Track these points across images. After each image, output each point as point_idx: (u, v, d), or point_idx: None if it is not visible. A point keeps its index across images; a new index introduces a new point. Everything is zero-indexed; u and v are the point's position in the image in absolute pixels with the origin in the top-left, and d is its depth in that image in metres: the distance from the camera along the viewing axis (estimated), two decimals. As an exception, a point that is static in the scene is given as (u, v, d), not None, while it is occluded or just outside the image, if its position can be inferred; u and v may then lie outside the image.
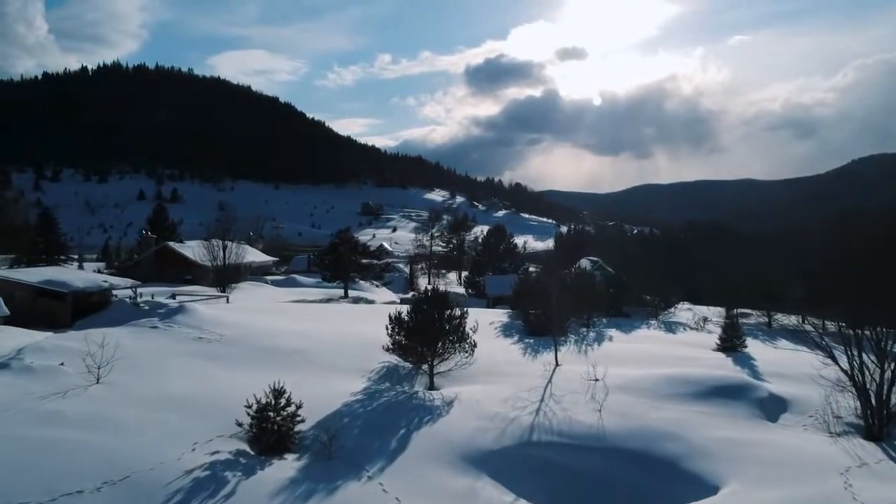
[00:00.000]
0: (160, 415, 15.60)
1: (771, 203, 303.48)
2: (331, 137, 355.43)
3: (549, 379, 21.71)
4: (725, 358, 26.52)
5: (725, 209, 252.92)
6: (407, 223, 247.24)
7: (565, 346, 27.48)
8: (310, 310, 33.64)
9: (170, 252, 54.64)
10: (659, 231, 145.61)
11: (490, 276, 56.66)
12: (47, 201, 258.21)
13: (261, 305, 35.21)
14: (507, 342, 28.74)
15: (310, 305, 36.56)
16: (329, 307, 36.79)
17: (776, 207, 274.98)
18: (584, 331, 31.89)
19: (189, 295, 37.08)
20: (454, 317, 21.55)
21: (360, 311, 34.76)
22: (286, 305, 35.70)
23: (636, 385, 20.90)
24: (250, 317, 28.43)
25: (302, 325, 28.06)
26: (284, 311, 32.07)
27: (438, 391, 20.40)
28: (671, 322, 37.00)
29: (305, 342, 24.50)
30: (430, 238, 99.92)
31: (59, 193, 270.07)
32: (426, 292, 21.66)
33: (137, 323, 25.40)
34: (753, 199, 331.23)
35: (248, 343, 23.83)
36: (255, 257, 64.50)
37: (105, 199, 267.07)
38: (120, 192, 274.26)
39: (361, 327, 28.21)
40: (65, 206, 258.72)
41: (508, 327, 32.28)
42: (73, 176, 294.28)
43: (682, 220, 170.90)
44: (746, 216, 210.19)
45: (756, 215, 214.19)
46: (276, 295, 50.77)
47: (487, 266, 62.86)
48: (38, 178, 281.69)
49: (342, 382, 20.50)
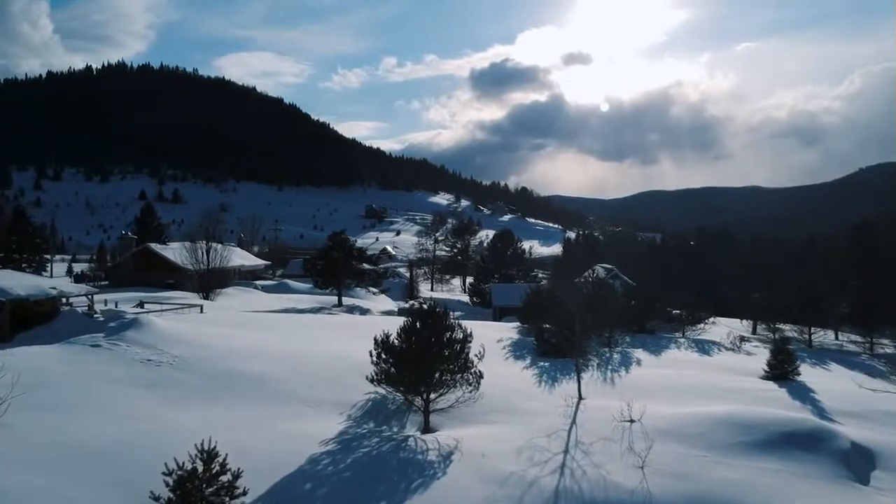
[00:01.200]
0: (53, 479, 11.45)
1: (779, 210, 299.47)
2: (335, 139, 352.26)
3: (572, 419, 17.51)
4: (779, 389, 22.23)
5: (733, 216, 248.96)
6: (411, 226, 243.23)
7: (587, 371, 23.25)
8: (294, 322, 29.43)
9: (150, 254, 50.71)
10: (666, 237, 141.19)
11: (496, 283, 52.33)
12: (48, 201, 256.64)
13: (239, 317, 31.07)
14: (518, 366, 24.51)
15: (295, 317, 32.37)
16: (317, 319, 32.56)
17: (786, 215, 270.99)
18: (605, 351, 27.63)
19: (159, 303, 33.02)
20: (455, 340, 17.36)
21: (351, 325, 30.51)
22: (268, 317, 31.52)
23: (684, 429, 16.64)
24: (220, 332, 24.30)
25: (279, 342, 23.91)
26: (263, 324, 27.91)
27: (434, 434, 16.26)
28: (702, 341, 32.70)
29: (278, 366, 20.35)
30: (434, 242, 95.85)
31: (60, 193, 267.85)
32: (421, 308, 17.54)
33: (77, 340, 21.27)
34: (761, 207, 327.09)
35: (207, 367, 19.69)
36: (244, 261, 60.51)
37: (106, 199, 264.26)
38: (121, 192, 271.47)
39: (350, 346, 24.04)
40: (65, 206, 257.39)
41: (519, 346, 28.05)
42: (75, 175, 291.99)
43: (690, 226, 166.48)
44: (757, 223, 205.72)
45: (768, 223, 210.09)
46: (264, 302, 46.67)
47: (493, 273, 58.62)
48: (39, 177, 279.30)
49: (314, 423, 16.35)
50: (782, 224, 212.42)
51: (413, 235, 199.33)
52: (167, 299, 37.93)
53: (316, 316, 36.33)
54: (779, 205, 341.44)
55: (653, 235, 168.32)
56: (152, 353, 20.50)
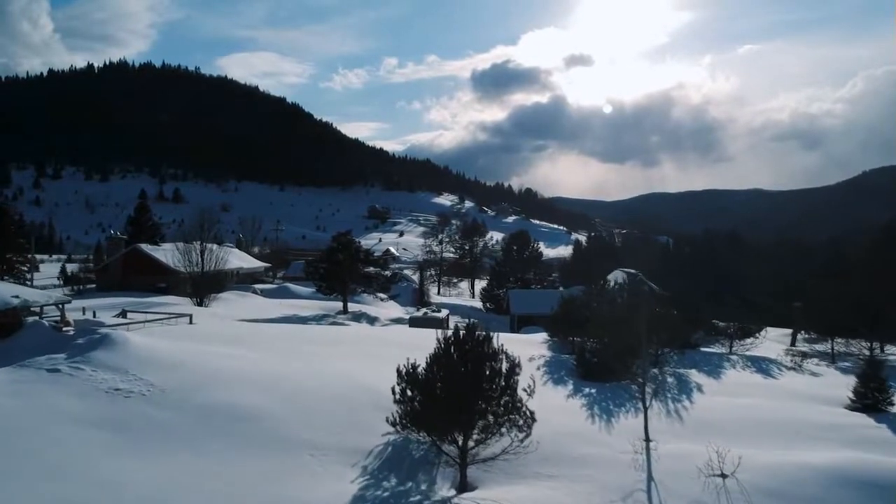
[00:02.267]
0: None
1: (783, 213, 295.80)
2: (338, 139, 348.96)
3: (647, 472, 13.80)
4: (877, 425, 18.48)
5: (736, 219, 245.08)
6: (414, 227, 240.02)
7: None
8: (294, 336, 25.71)
9: (141, 256, 47.09)
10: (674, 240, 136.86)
11: (514, 289, 48.51)
12: (47, 200, 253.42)
13: (232, 329, 27.35)
14: (560, 394, 20.78)
15: (296, 329, 28.63)
16: (321, 332, 28.79)
17: (790, 218, 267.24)
18: (655, 373, 23.87)
19: (144, 312, 29.35)
20: (500, 373, 13.66)
21: (359, 338, 26.75)
22: (265, 329, 27.80)
23: (793, 488, 12.92)
24: (207, 351, 20.62)
25: (277, 362, 20.23)
26: (259, 339, 24.19)
27: (474, 495, 12.61)
28: (757, 358, 28.94)
29: (271, 396, 16.66)
30: (440, 243, 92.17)
31: (60, 192, 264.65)
32: (456, 335, 13.85)
33: (32, 363, 17.60)
34: (764, 210, 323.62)
35: (187, 400, 16.00)
36: (243, 263, 56.88)
37: (106, 198, 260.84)
38: (121, 191, 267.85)
39: (360, 367, 20.40)
40: (64, 205, 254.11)
41: (555, 367, 24.32)
42: (75, 174, 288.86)
43: (694, 228, 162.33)
44: (762, 226, 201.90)
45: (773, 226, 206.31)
46: (263, 308, 43.02)
47: (508, 277, 54.87)
48: (38, 176, 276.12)
49: (321, 481, 12.68)
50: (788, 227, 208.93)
51: (417, 237, 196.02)
52: (155, 306, 34.30)
53: (319, 327, 32.50)
54: (782, 207, 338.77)
55: (659, 238, 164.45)
56: (122, 380, 16.83)
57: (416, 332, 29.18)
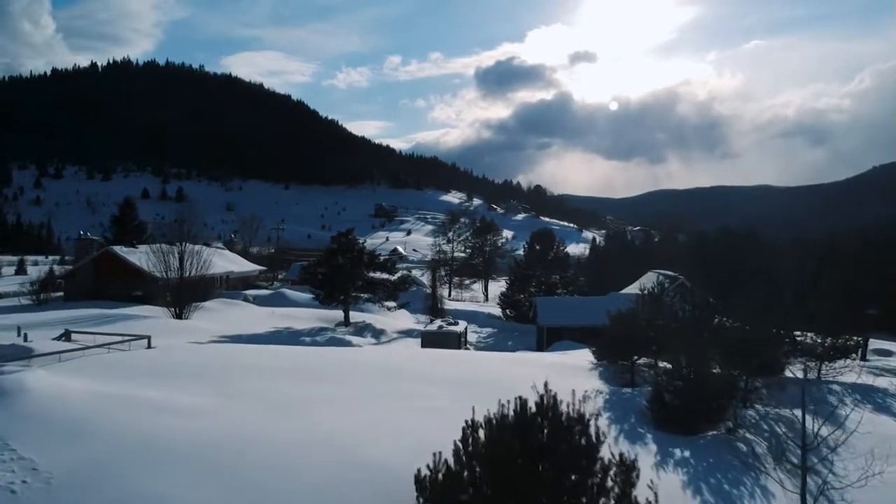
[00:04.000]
0: None
1: (792, 209, 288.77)
2: (344, 137, 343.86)
3: None
4: None
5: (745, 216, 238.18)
6: (422, 226, 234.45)
7: (753, 463, 13.64)
8: (274, 365, 19.76)
9: (113, 260, 41.46)
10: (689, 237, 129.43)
11: (542, 297, 42.41)
12: (47, 199, 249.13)
13: (197, 356, 21.43)
14: (643, 459, 14.77)
15: (279, 353, 22.67)
16: (310, 356, 22.77)
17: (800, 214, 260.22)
18: (752, 417, 17.98)
19: (93, 333, 23.57)
20: (602, 487, 7.80)
21: (357, 366, 20.70)
22: (240, 355, 21.90)
23: None
24: (143, 397, 14.78)
25: (236, 416, 14.33)
26: (226, 371, 18.35)
27: None
28: (863, 388, 22.92)
29: (218, 484, 10.74)
30: (449, 242, 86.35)
31: (61, 191, 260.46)
32: (521, 415, 8.06)
33: None
34: (773, 206, 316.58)
35: (78, 498, 10.12)
36: (234, 266, 51.16)
37: (107, 197, 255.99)
38: (123, 190, 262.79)
39: (355, 423, 14.53)
40: (65, 205, 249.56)
41: (618, 408, 18.35)
42: (77, 174, 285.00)
43: (703, 226, 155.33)
44: (771, 223, 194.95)
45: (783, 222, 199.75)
46: (251, 320, 37.28)
47: (531, 280, 48.86)
48: (40, 176, 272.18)
49: None
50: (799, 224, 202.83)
51: (425, 235, 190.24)
52: (119, 321, 28.59)
53: (311, 351, 26.21)
54: (792, 204, 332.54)
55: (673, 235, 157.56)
56: (-6, 460, 10.98)
57: (430, 355, 23.37)
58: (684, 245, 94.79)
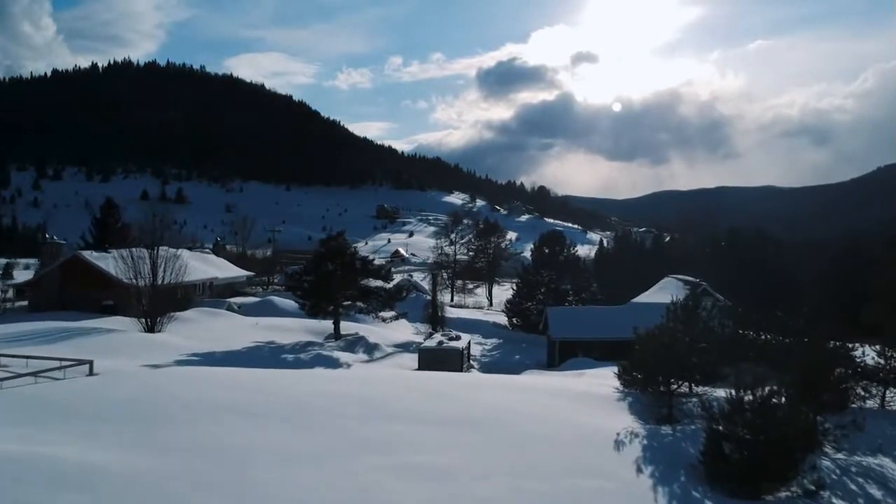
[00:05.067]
0: None
1: (798, 210, 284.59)
2: (346, 137, 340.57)
3: None
4: None
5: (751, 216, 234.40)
6: (424, 227, 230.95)
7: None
8: (234, 401, 15.92)
9: (82, 266, 37.77)
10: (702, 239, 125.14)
11: (554, 307, 38.55)
12: (45, 201, 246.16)
13: (142, 387, 17.62)
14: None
15: (244, 381, 18.88)
16: (282, 385, 18.88)
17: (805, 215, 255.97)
18: (830, 464, 14.23)
19: (26, 357, 19.94)
20: None
21: (335, 403, 16.73)
22: (199, 383, 18.18)
23: None
24: (36, 452, 11.07)
25: (154, 476, 10.59)
26: (167, 411, 14.60)
27: None
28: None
29: None
30: (452, 244, 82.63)
31: (60, 193, 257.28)
32: None
33: None
34: (778, 207, 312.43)
35: None
36: (219, 272, 47.55)
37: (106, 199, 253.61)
38: (122, 191, 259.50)
39: (336, 490, 10.86)
40: (63, 206, 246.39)
41: (660, 459, 14.57)
42: (76, 175, 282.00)
43: (714, 228, 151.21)
44: (780, 224, 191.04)
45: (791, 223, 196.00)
46: (230, 332, 33.65)
47: (540, 286, 45.12)
48: (38, 177, 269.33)
49: None
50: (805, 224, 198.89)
51: (427, 237, 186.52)
52: (75, 338, 24.95)
53: (282, 380, 22.20)
54: (797, 205, 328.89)
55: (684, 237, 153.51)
56: None
57: (426, 384, 19.65)
58: (699, 247, 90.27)
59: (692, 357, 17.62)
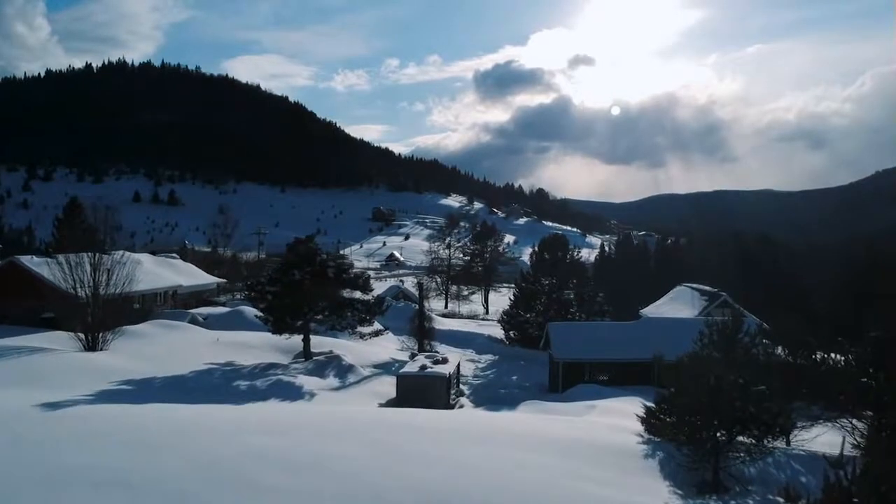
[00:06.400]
0: None
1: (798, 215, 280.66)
2: (342, 139, 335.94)
3: None
4: None
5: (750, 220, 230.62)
6: (421, 230, 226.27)
7: None
8: (114, 473, 11.09)
9: (19, 274, 33.25)
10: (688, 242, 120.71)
11: (556, 322, 33.83)
12: (35, 202, 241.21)
13: (19, 443, 13.03)
14: None
15: (151, 435, 14.19)
16: (195, 447, 13.89)
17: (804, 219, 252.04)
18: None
19: None
20: None
21: (274, 473, 11.88)
22: (110, 433, 13.56)
23: None
24: None
25: None
26: (50, 487, 9.97)
27: None
28: None
29: None
30: (448, 247, 78.11)
31: (50, 194, 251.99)
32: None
33: None
34: (777, 210, 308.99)
35: None
36: (183, 279, 43.00)
37: (97, 200, 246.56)
38: (114, 193, 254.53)
39: None
40: (52, 208, 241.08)
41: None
42: (67, 176, 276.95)
43: (708, 231, 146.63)
44: (779, 228, 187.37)
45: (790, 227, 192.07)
46: (185, 351, 29.12)
47: (539, 296, 40.59)
48: (28, 178, 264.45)
49: None
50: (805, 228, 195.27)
51: (423, 240, 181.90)
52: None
53: (219, 416, 17.53)
54: (795, 208, 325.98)
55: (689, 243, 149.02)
56: None
57: (395, 439, 14.99)
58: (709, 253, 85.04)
59: (749, 405, 13.09)
